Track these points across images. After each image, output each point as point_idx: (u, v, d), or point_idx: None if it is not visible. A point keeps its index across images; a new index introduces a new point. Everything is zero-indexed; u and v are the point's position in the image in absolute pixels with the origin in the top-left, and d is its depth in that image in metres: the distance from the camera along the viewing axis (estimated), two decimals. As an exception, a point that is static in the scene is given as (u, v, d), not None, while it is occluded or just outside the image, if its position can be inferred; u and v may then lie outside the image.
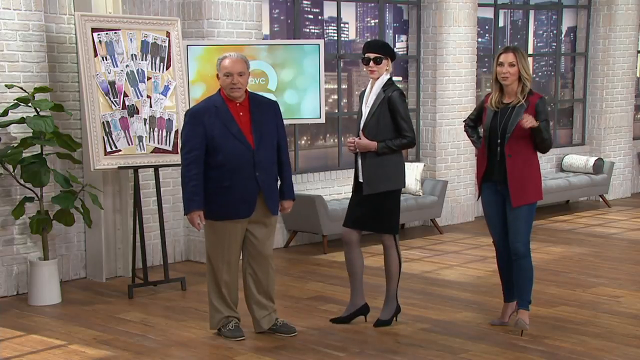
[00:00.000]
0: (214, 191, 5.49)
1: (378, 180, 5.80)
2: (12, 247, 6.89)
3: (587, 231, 9.73)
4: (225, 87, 5.50)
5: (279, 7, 9.11)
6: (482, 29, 10.87)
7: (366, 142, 5.79)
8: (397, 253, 5.96)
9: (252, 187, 5.51)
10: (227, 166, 5.46)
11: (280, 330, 5.79)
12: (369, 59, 5.80)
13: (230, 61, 5.48)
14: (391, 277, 5.99)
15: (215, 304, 5.71)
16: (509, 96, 5.67)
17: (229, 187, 5.48)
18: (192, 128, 5.47)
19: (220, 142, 5.44)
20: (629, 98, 12.13)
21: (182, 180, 5.53)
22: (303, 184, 9.04)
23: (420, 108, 10.12)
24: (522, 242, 5.69)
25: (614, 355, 5.39)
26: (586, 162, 11.37)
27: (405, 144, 5.83)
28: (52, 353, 5.50)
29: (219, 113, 5.48)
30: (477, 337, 5.76)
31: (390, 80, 5.86)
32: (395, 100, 5.75)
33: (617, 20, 11.73)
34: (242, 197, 5.51)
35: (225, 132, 5.46)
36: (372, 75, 5.83)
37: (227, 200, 5.50)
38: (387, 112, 5.77)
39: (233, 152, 5.46)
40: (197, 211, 5.47)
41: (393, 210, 5.89)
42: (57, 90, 7.23)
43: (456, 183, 10.21)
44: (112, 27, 6.93)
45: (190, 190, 5.47)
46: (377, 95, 5.81)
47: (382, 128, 5.78)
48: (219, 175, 5.48)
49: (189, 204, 5.49)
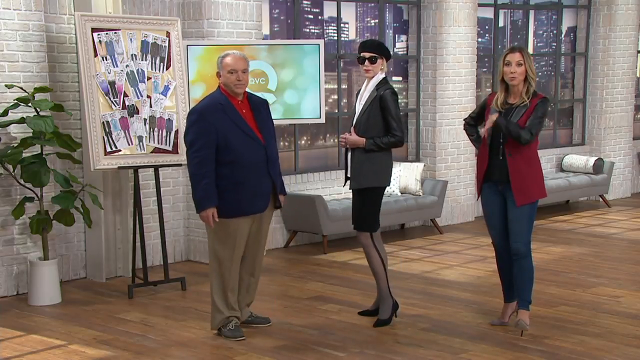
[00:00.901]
0: (225, 188, 5.50)
1: (364, 175, 5.87)
2: (12, 247, 6.89)
3: (587, 231, 9.73)
4: (230, 84, 5.53)
5: (279, 7, 9.11)
6: (482, 29, 10.87)
7: (355, 138, 5.87)
8: (376, 251, 5.98)
9: (267, 182, 5.61)
10: (240, 163, 5.49)
11: (256, 322, 5.98)
12: (364, 58, 5.86)
13: (234, 58, 5.53)
14: (377, 275, 6.02)
15: (218, 304, 5.72)
16: (515, 96, 5.67)
17: (243, 183, 5.51)
18: (201, 126, 5.46)
19: (232, 140, 5.47)
20: (629, 98, 12.13)
21: (192, 179, 5.51)
22: (303, 184, 9.04)
23: (420, 108, 10.12)
24: (523, 242, 5.69)
25: (614, 355, 5.39)
26: (586, 162, 11.37)
27: (393, 143, 5.87)
28: (52, 353, 5.50)
29: (226, 110, 5.52)
30: (477, 337, 5.76)
31: (385, 79, 5.93)
32: (386, 98, 5.81)
33: (617, 20, 11.73)
34: (257, 192, 5.57)
35: (235, 129, 5.49)
36: (367, 74, 5.90)
37: (240, 196, 5.52)
38: (378, 111, 5.84)
39: (247, 148, 5.50)
40: (212, 208, 5.47)
41: (373, 208, 5.95)
42: (57, 90, 7.23)
43: (456, 183, 10.21)
44: (112, 27, 6.93)
45: (203, 187, 5.46)
46: (370, 93, 5.88)
47: (371, 125, 5.85)
48: (230, 172, 5.49)
49: (203, 201, 5.48)
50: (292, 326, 6.03)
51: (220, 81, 5.59)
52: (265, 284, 7.28)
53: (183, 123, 7.19)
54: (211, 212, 5.48)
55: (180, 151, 7.17)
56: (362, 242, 5.98)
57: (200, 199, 5.49)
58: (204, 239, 8.05)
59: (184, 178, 8.15)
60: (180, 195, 8.19)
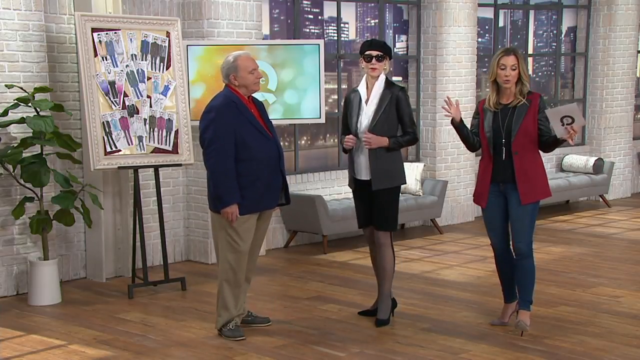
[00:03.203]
0: (242, 185, 5.55)
1: (387, 175, 5.90)
2: (12, 247, 6.89)
3: (587, 231, 9.73)
4: (250, 83, 5.61)
5: (279, 7, 9.11)
6: (482, 29, 10.87)
7: (380, 137, 5.85)
8: (392, 251, 5.99)
9: (279, 178, 5.71)
10: (255, 160, 5.55)
11: (256, 322, 5.99)
12: (372, 56, 5.84)
13: (249, 59, 5.64)
14: (387, 275, 6.01)
15: (228, 303, 5.72)
16: (507, 97, 5.70)
17: (258, 181, 5.57)
18: (220, 123, 5.51)
19: (248, 137, 5.54)
20: (629, 98, 12.13)
21: (213, 176, 5.52)
22: (303, 184, 9.04)
23: (420, 108, 10.12)
24: (525, 242, 5.69)
25: (614, 355, 5.39)
26: (586, 162, 11.37)
27: (412, 141, 5.99)
28: (52, 353, 5.50)
29: (240, 109, 5.59)
30: (477, 337, 5.76)
31: (387, 78, 5.94)
32: (403, 99, 5.93)
33: (617, 20, 11.73)
34: (271, 188, 5.66)
35: (250, 127, 5.57)
36: (374, 73, 5.88)
37: (255, 193, 5.58)
38: (394, 110, 5.89)
39: (261, 145, 5.58)
40: (235, 205, 5.52)
41: (395, 207, 5.98)
42: (57, 90, 7.23)
43: (456, 183, 10.21)
44: (112, 27, 6.93)
45: (227, 184, 5.49)
46: (382, 94, 5.88)
47: (390, 125, 5.90)
48: (246, 169, 5.55)
49: (227, 197, 5.50)
50: (292, 326, 6.03)
51: (236, 83, 5.60)
52: (265, 284, 7.28)
53: (183, 123, 7.20)
54: (235, 209, 5.52)
55: (180, 151, 7.17)
56: (383, 241, 5.98)
57: (223, 195, 5.51)
58: (204, 239, 8.06)
59: (184, 178, 8.15)
60: (180, 195, 8.19)
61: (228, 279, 5.69)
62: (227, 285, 5.71)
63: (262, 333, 5.84)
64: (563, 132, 5.43)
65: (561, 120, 5.41)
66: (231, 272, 5.68)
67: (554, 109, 5.45)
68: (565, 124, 5.40)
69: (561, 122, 5.41)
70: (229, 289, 5.71)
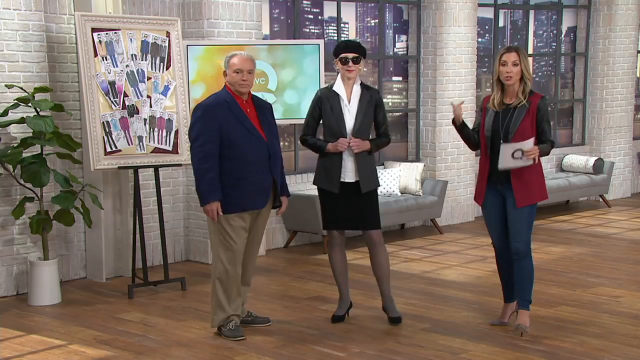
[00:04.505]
0: (228, 184, 5.56)
1: (373, 177, 5.97)
2: (12, 247, 6.89)
3: (587, 231, 9.73)
4: (234, 83, 5.63)
5: (279, 7, 9.11)
6: (482, 29, 10.87)
7: (364, 142, 5.90)
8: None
9: (268, 179, 5.69)
10: (243, 159, 5.56)
11: (256, 322, 6.00)
12: (348, 59, 5.83)
13: (240, 59, 5.63)
14: (387, 273, 6.04)
15: (222, 302, 5.72)
16: (510, 96, 5.66)
17: (245, 179, 5.58)
18: (205, 122, 5.54)
19: (236, 136, 5.55)
20: (629, 98, 12.13)
21: (196, 173, 5.57)
22: (303, 184, 9.03)
23: (420, 108, 10.12)
24: (524, 242, 5.69)
25: (614, 355, 5.39)
26: (586, 162, 11.37)
27: (387, 143, 6.10)
28: (52, 353, 5.50)
29: (231, 108, 5.60)
30: (477, 337, 5.76)
31: (362, 80, 6.01)
32: (381, 101, 6.00)
33: (617, 20, 11.73)
34: (258, 188, 5.65)
35: (239, 126, 5.58)
36: (351, 75, 5.88)
37: (242, 192, 5.59)
38: (372, 112, 5.94)
39: (249, 145, 5.58)
40: (216, 202, 5.53)
41: (377, 206, 6.04)
42: (57, 90, 7.23)
43: (456, 183, 10.21)
44: (112, 27, 6.93)
45: (207, 181, 5.52)
46: (361, 96, 5.91)
47: (368, 127, 5.97)
48: (233, 168, 5.56)
49: (207, 194, 5.53)
50: (292, 326, 6.04)
51: (226, 80, 5.68)
52: (265, 284, 7.28)
53: (183, 123, 7.20)
54: (215, 206, 5.54)
55: (180, 151, 7.17)
56: (379, 240, 6.00)
57: (203, 192, 5.54)
58: (204, 239, 8.05)
59: (184, 178, 8.15)
60: (180, 195, 8.19)
61: (220, 277, 5.70)
62: (219, 283, 5.71)
63: (262, 333, 5.84)
64: (518, 163, 5.48)
65: (512, 156, 5.47)
66: (224, 270, 5.68)
67: (507, 144, 5.49)
68: (517, 157, 5.47)
69: (512, 156, 5.47)
70: (221, 287, 5.71)
